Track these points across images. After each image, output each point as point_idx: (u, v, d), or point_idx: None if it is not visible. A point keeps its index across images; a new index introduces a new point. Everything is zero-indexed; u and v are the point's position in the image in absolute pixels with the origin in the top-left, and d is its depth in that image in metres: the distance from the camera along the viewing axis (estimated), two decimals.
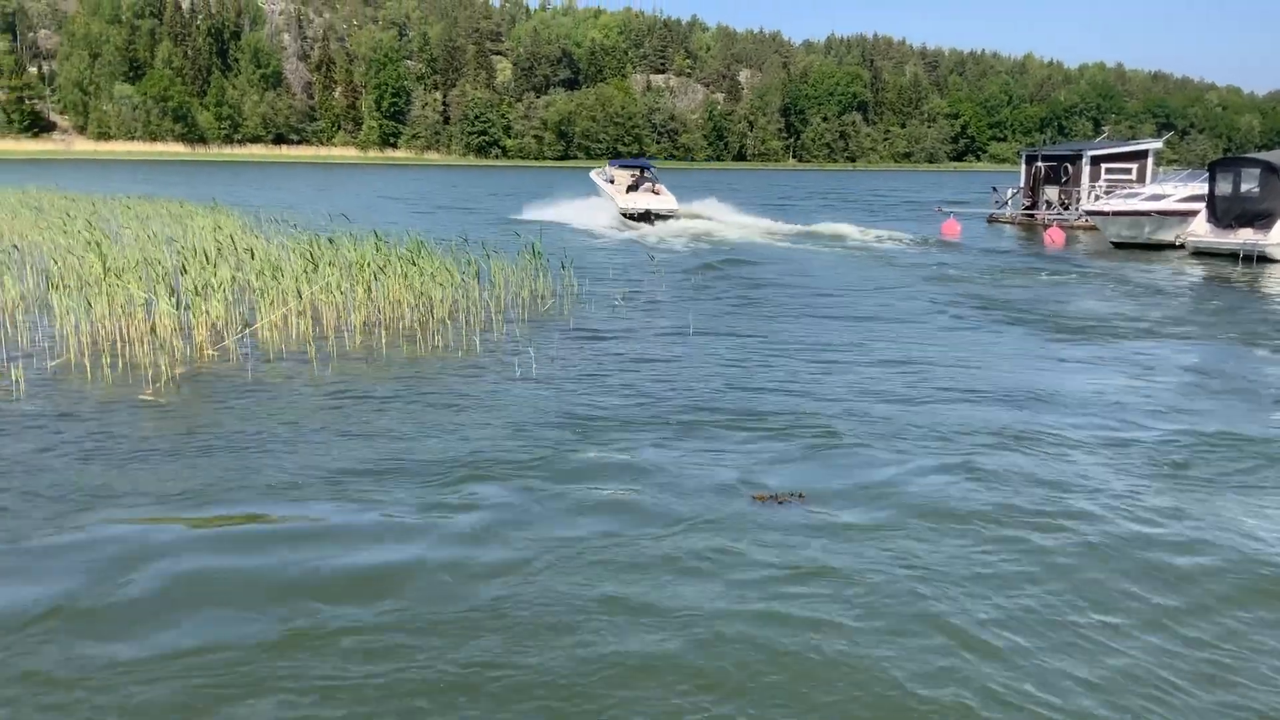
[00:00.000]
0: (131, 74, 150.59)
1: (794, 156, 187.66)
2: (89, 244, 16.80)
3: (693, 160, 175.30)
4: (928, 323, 17.30)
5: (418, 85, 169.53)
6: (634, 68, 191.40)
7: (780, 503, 7.90)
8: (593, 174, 44.53)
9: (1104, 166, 42.30)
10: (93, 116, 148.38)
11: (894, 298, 20.31)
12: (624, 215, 36.99)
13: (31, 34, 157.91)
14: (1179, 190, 33.56)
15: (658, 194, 38.15)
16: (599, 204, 39.63)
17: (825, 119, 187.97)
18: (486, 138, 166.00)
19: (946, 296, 20.61)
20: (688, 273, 23.67)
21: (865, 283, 22.86)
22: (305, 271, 15.77)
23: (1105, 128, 68.89)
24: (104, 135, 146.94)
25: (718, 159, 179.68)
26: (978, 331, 16.55)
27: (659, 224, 36.55)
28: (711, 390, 11.66)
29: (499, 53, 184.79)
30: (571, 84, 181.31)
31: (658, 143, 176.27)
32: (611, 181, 40.73)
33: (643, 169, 41.07)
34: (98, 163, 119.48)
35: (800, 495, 8.05)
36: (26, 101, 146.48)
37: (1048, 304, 19.99)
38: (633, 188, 38.73)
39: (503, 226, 33.77)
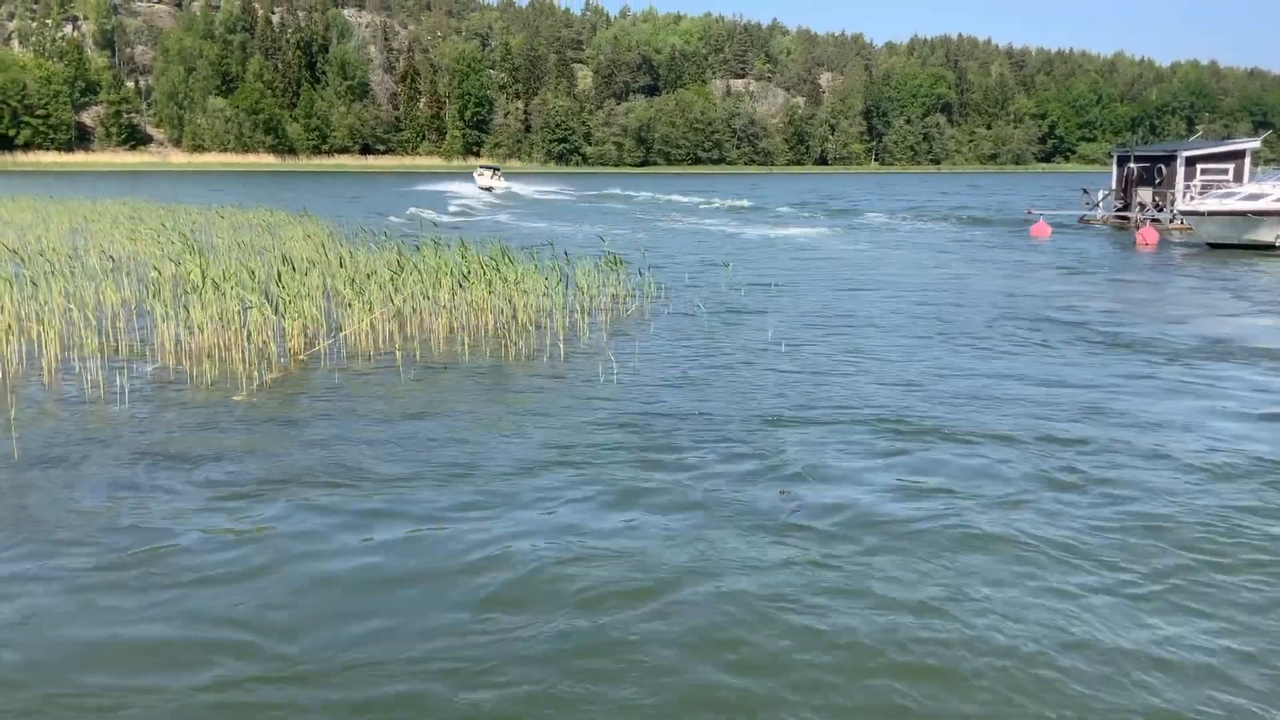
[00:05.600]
0: (224, 87, 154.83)
1: (876, 159, 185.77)
2: (186, 252, 17.29)
3: (772, 165, 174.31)
4: (1014, 335, 17.00)
5: (500, 94, 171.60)
6: (714, 73, 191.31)
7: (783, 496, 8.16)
8: (474, 172, 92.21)
9: (1199, 166, 41.11)
10: (187, 129, 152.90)
11: (981, 303, 20.00)
12: (480, 187, 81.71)
13: (129, 50, 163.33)
14: (1278, 190, 32.51)
15: (498, 179, 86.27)
16: (468, 185, 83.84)
17: (908, 121, 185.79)
18: (567, 145, 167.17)
19: (1031, 304, 20.23)
20: (760, 281, 23.59)
21: (949, 283, 22.55)
22: (392, 278, 16.05)
23: (1199, 127, 67.14)
24: (198, 147, 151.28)
25: (798, 163, 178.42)
26: (1060, 346, 16.21)
27: (496, 191, 79.79)
28: (803, 393, 11.62)
29: (580, 61, 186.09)
30: (651, 90, 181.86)
31: (738, 147, 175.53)
32: (481, 174, 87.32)
33: (495, 169, 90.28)
34: (192, 174, 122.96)
35: (784, 492, 8.22)
36: (125, 115, 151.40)
37: (1139, 313, 19.51)
38: (491, 177, 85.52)
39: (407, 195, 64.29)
